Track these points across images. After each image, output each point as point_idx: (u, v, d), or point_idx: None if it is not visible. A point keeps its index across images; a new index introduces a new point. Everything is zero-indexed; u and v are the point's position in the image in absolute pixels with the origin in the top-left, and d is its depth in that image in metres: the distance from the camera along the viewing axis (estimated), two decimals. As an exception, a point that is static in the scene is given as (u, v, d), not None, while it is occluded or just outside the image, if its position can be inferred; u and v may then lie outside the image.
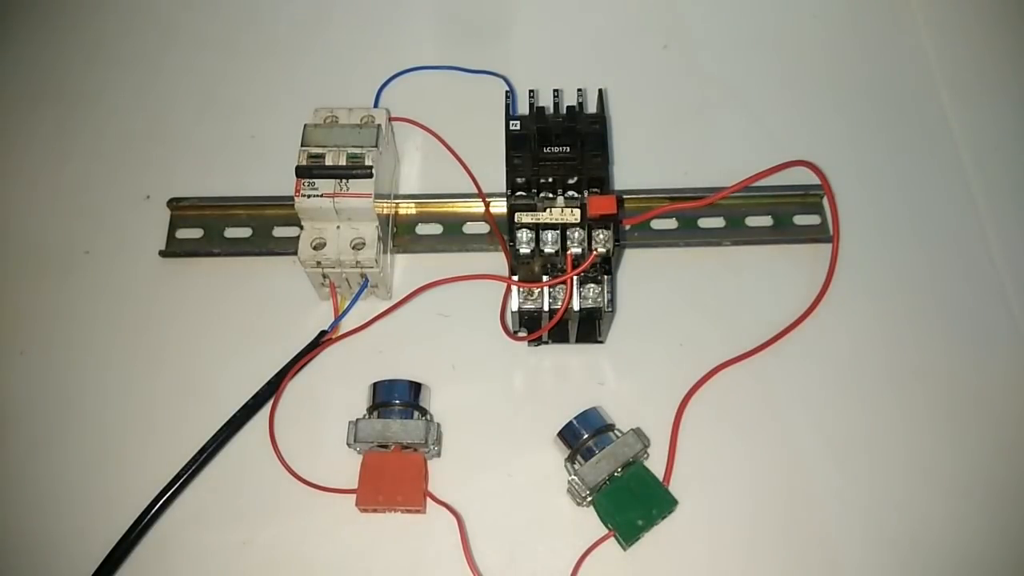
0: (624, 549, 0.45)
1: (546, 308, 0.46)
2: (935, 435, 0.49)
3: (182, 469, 0.46)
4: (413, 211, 0.55)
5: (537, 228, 0.44)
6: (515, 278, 0.46)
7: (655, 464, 0.47)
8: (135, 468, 0.47)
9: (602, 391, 0.49)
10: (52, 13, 0.64)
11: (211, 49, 0.63)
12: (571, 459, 0.46)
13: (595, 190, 0.45)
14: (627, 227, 0.54)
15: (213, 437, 0.47)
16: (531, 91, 0.48)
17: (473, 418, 0.49)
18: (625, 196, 0.53)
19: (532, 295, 0.46)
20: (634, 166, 0.56)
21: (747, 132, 0.58)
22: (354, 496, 0.45)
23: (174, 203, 0.55)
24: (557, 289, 0.46)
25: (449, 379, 0.50)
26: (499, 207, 0.53)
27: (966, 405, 0.49)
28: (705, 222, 0.55)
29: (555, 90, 0.48)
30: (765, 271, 0.53)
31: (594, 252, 0.44)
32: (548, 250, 0.44)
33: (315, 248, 0.48)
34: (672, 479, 0.46)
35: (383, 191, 0.50)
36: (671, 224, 0.55)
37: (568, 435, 0.46)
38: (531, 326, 0.49)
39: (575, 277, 0.45)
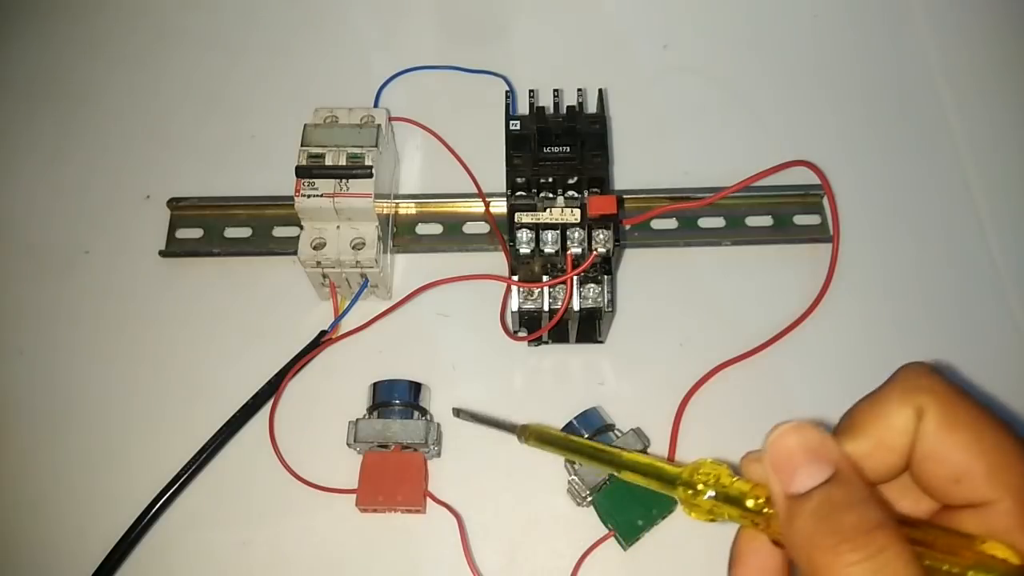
0: (624, 549, 0.45)
1: (546, 308, 0.46)
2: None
3: (182, 469, 0.46)
4: (413, 211, 0.55)
5: (537, 228, 0.44)
6: (515, 278, 0.46)
7: (655, 464, 0.46)
8: (135, 468, 0.47)
9: (602, 391, 0.49)
10: (52, 13, 0.64)
11: (211, 49, 0.63)
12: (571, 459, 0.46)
13: (595, 190, 0.45)
14: (627, 227, 0.54)
15: (213, 437, 0.47)
16: (531, 91, 0.48)
17: (473, 418, 0.49)
18: (625, 196, 0.53)
19: (532, 295, 0.46)
20: (634, 166, 0.56)
21: (747, 132, 0.58)
22: (354, 496, 0.45)
23: (174, 203, 0.55)
24: (557, 289, 0.46)
25: (449, 379, 0.50)
26: (499, 207, 0.53)
27: (966, 405, 0.49)
28: (705, 222, 0.55)
29: (555, 90, 0.48)
30: (765, 271, 0.53)
31: (594, 252, 0.44)
32: (548, 250, 0.44)
33: (315, 248, 0.48)
34: (672, 479, 0.46)
35: (383, 191, 0.50)
36: (671, 224, 0.55)
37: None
38: (531, 326, 0.49)
39: (575, 277, 0.45)
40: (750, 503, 0.26)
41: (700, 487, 0.27)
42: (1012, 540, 0.23)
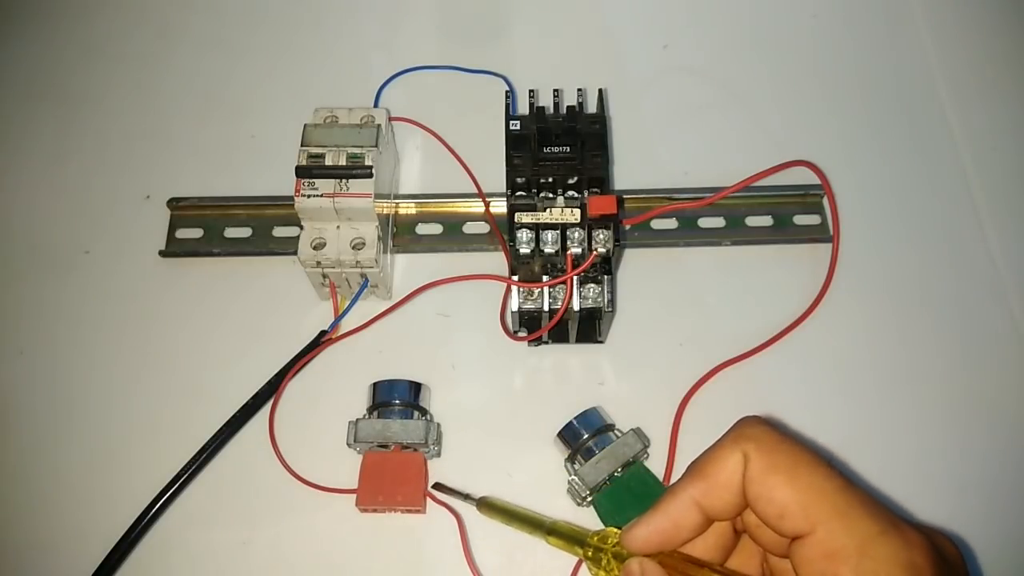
0: (624, 549, 0.45)
1: (546, 308, 0.46)
2: (935, 434, 0.49)
3: (182, 469, 0.46)
4: (413, 211, 0.55)
5: (537, 228, 0.44)
6: (515, 278, 0.46)
7: (655, 464, 0.47)
8: (135, 468, 0.47)
9: (602, 391, 0.49)
10: (52, 13, 0.64)
11: (211, 49, 0.63)
12: (571, 459, 0.46)
13: (595, 190, 0.45)
14: (627, 227, 0.54)
15: (213, 437, 0.47)
16: (531, 91, 0.48)
17: (473, 418, 0.49)
18: (625, 196, 0.53)
19: (532, 295, 0.46)
20: (634, 166, 0.56)
21: (747, 132, 0.58)
22: (354, 496, 0.45)
23: (174, 203, 0.55)
24: (557, 289, 0.46)
25: (449, 379, 0.50)
26: (499, 207, 0.53)
27: (966, 405, 0.49)
28: (705, 222, 0.55)
29: (555, 90, 0.48)
30: (765, 271, 0.53)
31: (594, 252, 0.44)
32: (548, 250, 0.44)
33: (315, 248, 0.48)
34: (672, 479, 0.46)
35: (383, 191, 0.50)
36: (671, 224, 0.55)
37: (568, 435, 0.46)
38: (531, 326, 0.49)
39: (575, 277, 0.45)
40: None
41: (604, 547, 0.33)
42: (823, 567, 0.27)
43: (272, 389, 0.49)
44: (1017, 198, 0.56)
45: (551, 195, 0.45)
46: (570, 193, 0.45)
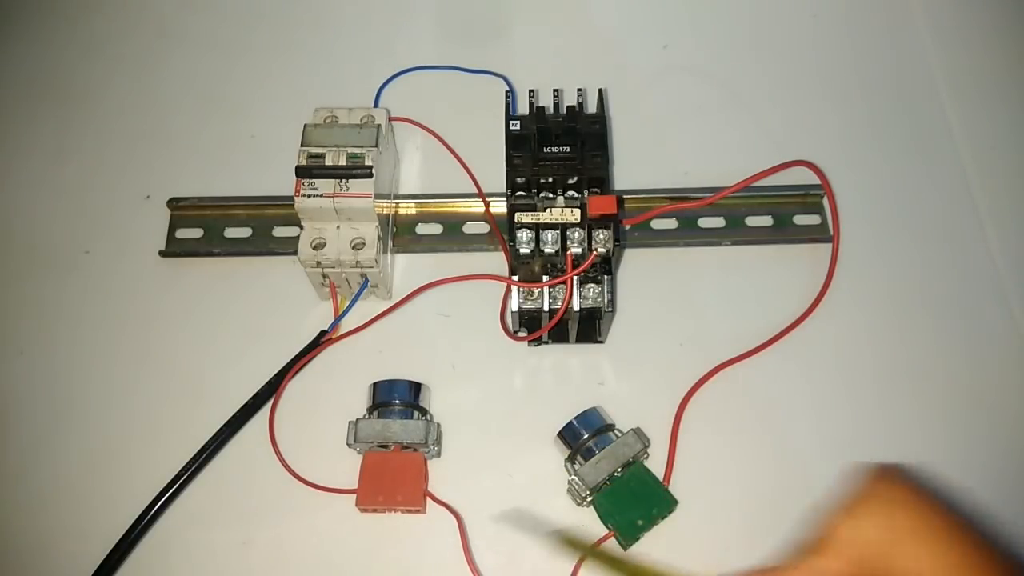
0: (624, 549, 0.45)
1: (546, 308, 0.46)
2: (935, 434, 0.49)
3: (182, 469, 0.46)
4: (413, 211, 0.55)
5: (537, 228, 0.44)
6: (515, 278, 0.46)
7: (655, 464, 0.47)
8: (135, 468, 0.47)
9: (602, 391, 0.49)
10: (52, 13, 0.64)
11: (211, 49, 0.63)
12: (571, 459, 0.46)
13: (595, 190, 0.45)
14: (627, 227, 0.54)
15: (213, 437, 0.47)
16: (531, 91, 0.48)
17: (473, 418, 0.49)
18: (625, 196, 0.53)
19: (532, 295, 0.46)
20: (634, 166, 0.56)
21: (747, 132, 0.58)
22: (354, 496, 0.45)
23: (174, 203, 0.55)
24: (557, 289, 0.46)
25: (449, 379, 0.50)
26: (499, 207, 0.53)
27: (966, 404, 0.49)
28: (705, 222, 0.55)
29: (555, 90, 0.48)
30: (765, 271, 0.53)
31: (594, 252, 0.44)
32: (548, 250, 0.44)
33: (315, 248, 0.48)
34: (672, 479, 0.46)
35: (383, 191, 0.50)
36: (671, 224, 0.55)
37: (568, 435, 0.46)
38: (531, 326, 0.49)
39: (575, 277, 0.45)
40: None
41: None
42: None
43: (272, 389, 0.49)
44: (1017, 198, 0.56)
45: (551, 195, 0.45)
46: (570, 193, 0.45)
